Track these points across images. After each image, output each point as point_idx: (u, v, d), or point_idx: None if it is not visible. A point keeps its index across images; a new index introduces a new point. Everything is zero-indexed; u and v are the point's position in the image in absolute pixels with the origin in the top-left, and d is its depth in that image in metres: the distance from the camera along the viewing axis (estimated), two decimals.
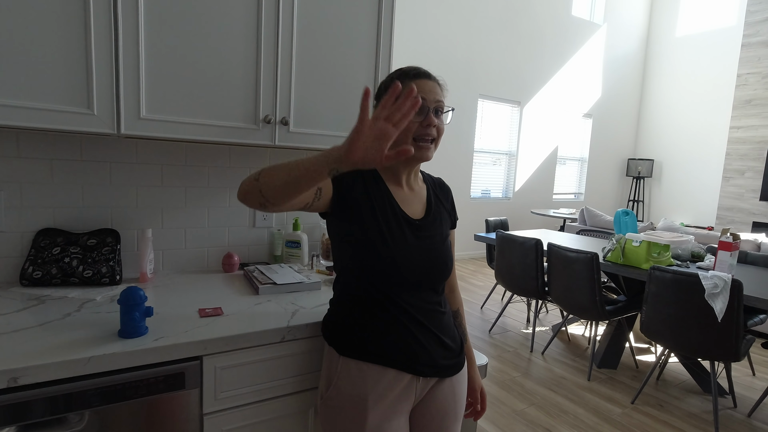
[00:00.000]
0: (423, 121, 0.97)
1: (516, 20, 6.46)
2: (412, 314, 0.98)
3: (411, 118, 0.74)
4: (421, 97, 0.96)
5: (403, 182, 1.06)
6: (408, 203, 1.05)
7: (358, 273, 1.00)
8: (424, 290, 1.01)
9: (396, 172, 1.05)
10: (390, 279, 0.97)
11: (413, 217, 1.04)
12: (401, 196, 1.05)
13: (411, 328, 0.98)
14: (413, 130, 0.97)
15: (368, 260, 0.97)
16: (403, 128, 0.94)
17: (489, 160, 6.65)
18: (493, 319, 3.87)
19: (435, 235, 1.04)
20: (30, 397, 0.84)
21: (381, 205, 1.00)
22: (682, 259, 2.91)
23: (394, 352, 0.97)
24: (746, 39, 6.30)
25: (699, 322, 2.22)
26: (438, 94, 0.99)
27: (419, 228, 1.03)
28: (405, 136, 0.97)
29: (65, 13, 1.07)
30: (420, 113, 0.97)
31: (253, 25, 1.30)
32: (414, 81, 0.98)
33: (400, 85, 0.77)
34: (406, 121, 0.74)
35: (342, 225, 1.01)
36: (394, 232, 0.99)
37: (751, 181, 6.27)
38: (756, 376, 2.99)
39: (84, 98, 1.11)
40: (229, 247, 1.64)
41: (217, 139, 1.29)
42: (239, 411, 1.07)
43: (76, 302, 1.17)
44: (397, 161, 0.94)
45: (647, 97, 8.47)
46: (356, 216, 0.99)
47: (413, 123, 0.97)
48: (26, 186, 1.32)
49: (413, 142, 0.98)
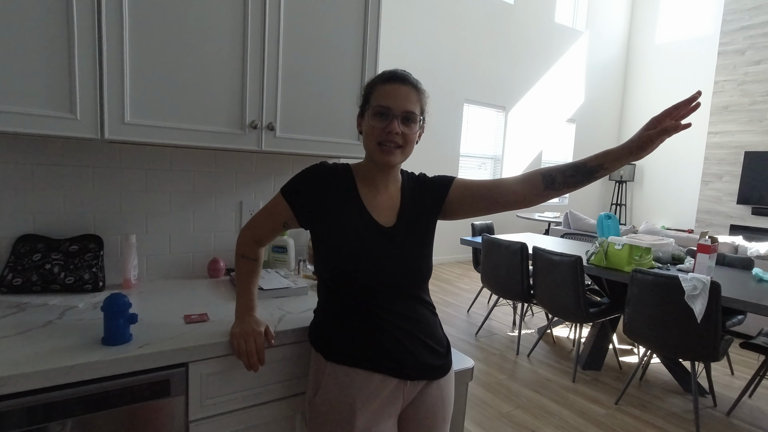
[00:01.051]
0: (385, 127, 0.97)
1: (501, 26, 6.55)
2: (392, 320, 0.99)
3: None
4: (387, 104, 0.97)
5: (380, 188, 1.05)
6: (380, 210, 1.04)
7: (332, 281, 1.01)
8: (401, 297, 1.01)
9: (372, 178, 1.05)
10: (362, 288, 0.98)
11: (385, 225, 1.03)
12: (374, 203, 1.04)
13: (394, 333, 0.98)
14: (375, 136, 0.98)
15: (338, 270, 1.00)
16: (369, 135, 1.00)
17: (474, 164, 6.71)
18: (479, 322, 3.89)
19: (407, 243, 1.03)
20: (9, 407, 0.82)
21: (350, 214, 1.01)
22: (662, 262, 2.97)
23: (380, 356, 0.97)
24: (722, 47, 6.49)
25: (679, 323, 2.27)
26: (411, 102, 0.98)
27: (390, 236, 1.02)
28: (369, 140, 1.00)
29: (48, 16, 1.05)
30: (383, 119, 0.97)
31: (239, 28, 1.30)
32: (386, 85, 0.99)
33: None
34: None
35: (314, 235, 1.05)
36: (362, 241, 0.99)
37: (729, 185, 6.43)
38: (735, 376, 3.06)
39: (66, 102, 1.10)
40: (214, 253, 1.63)
41: (202, 144, 1.28)
42: (226, 417, 1.06)
43: (57, 309, 1.15)
44: (371, 167, 1.04)
45: (628, 102, 8.64)
46: (323, 228, 1.02)
47: (375, 128, 0.98)
48: (5, 191, 1.29)
49: (377, 146, 0.99)
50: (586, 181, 0.99)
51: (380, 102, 0.98)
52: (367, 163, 1.06)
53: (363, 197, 1.04)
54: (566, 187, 1.00)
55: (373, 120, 0.98)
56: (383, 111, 0.97)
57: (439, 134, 6.13)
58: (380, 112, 0.98)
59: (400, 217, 1.05)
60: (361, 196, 1.04)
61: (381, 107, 0.98)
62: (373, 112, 0.99)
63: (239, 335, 1.00)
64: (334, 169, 1.05)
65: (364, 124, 1.02)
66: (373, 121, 0.98)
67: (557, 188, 1.01)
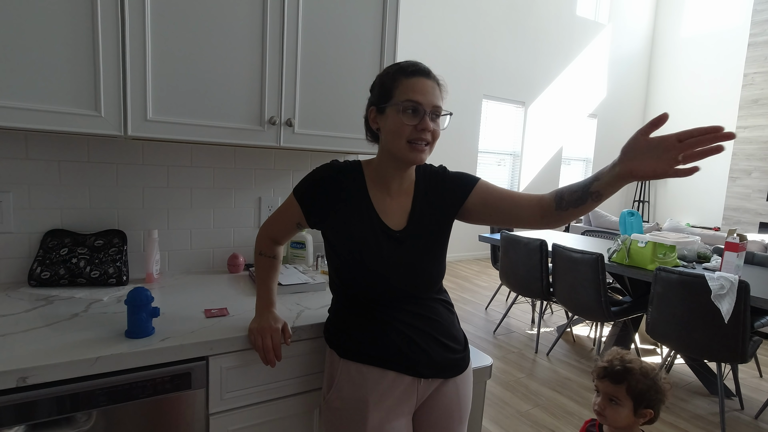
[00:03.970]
0: (418, 125, 0.92)
1: (520, 20, 6.45)
2: (404, 319, 0.98)
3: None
4: (418, 99, 0.91)
5: (393, 189, 1.02)
6: (391, 213, 1.01)
7: (342, 283, 1.01)
8: (411, 299, 1.00)
9: (386, 177, 1.01)
10: (371, 291, 0.98)
11: (395, 229, 1.00)
12: (384, 205, 1.01)
13: (407, 332, 0.98)
14: (406, 134, 0.92)
15: (347, 273, 0.99)
16: (396, 134, 0.93)
17: (493, 161, 6.64)
18: (497, 320, 3.86)
19: (416, 247, 1.00)
20: (38, 397, 0.85)
21: (359, 217, 0.99)
22: (688, 260, 2.89)
23: (393, 354, 0.96)
24: (753, 38, 6.26)
25: (705, 324, 2.21)
26: (436, 97, 0.94)
27: (399, 240, 0.99)
28: (398, 139, 0.93)
29: (72, 16, 1.08)
30: (415, 115, 0.92)
31: (258, 26, 1.30)
32: (411, 78, 0.93)
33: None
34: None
35: (324, 236, 1.05)
36: (370, 246, 0.97)
37: (758, 182, 6.22)
38: (763, 378, 2.97)
39: (91, 100, 1.12)
40: (234, 248, 1.65)
41: (222, 140, 1.29)
42: (245, 411, 1.08)
43: (83, 302, 1.18)
44: (386, 166, 1.00)
45: (652, 97, 8.42)
46: (332, 231, 1.01)
47: (406, 126, 0.92)
48: (34, 187, 1.33)
49: (408, 144, 0.93)
50: (588, 198, 0.89)
51: (410, 97, 0.91)
52: (384, 161, 1.00)
53: (373, 198, 1.01)
54: (572, 206, 0.91)
55: (404, 117, 0.92)
56: (415, 107, 0.91)
57: (457, 131, 6.08)
58: (412, 108, 0.91)
59: (410, 220, 1.01)
60: (371, 197, 1.01)
61: (412, 102, 0.91)
62: (402, 108, 0.91)
63: (257, 331, 1.01)
64: (344, 168, 1.02)
65: (389, 121, 0.94)
66: (405, 117, 0.92)
67: (564, 207, 0.92)
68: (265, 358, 1.00)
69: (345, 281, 1.01)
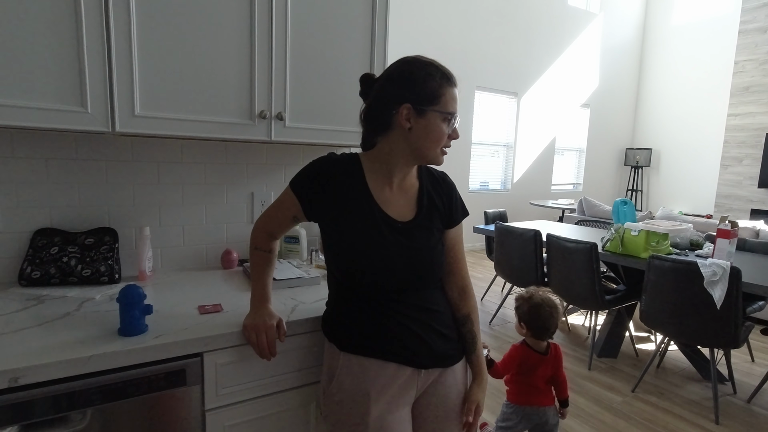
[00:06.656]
0: (452, 133, 0.99)
1: (512, 11, 6.42)
2: (404, 311, 0.98)
3: None
4: (456, 110, 0.97)
5: (394, 183, 1.02)
6: (393, 205, 1.01)
7: (342, 275, 1.00)
8: (412, 291, 1.00)
9: (391, 173, 1.01)
10: (370, 283, 0.97)
11: (398, 220, 1.00)
12: (385, 197, 1.01)
13: (406, 324, 0.98)
14: (443, 142, 0.98)
15: (348, 265, 0.98)
16: (436, 141, 0.97)
17: (487, 152, 6.64)
18: (493, 310, 3.88)
19: (422, 238, 1.00)
20: (31, 397, 0.84)
21: (359, 209, 0.98)
22: (680, 248, 2.91)
23: (394, 346, 0.97)
24: (743, 25, 6.28)
25: (698, 310, 2.23)
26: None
27: (403, 231, 0.99)
28: (435, 144, 0.97)
29: (56, 11, 1.06)
30: (450, 125, 0.98)
31: (246, 18, 1.29)
32: (453, 89, 0.97)
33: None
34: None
35: (322, 229, 1.04)
36: (373, 237, 0.97)
37: (749, 169, 6.27)
38: (755, 363, 3.01)
39: (77, 96, 1.10)
40: (227, 244, 1.64)
41: (212, 135, 1.28)
42: (241, 406, 1.07)
43: (75, 301, 1.17)
44: (396, 162, 1.02)
45: (644, 86, 8.44)
46: (331, 223, 1.00)
47: (445, 135, 0.97)
48: (21, 186, 1.31)
49: (440, 150, 1.00)
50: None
51: (453, 109, 0.97)
52: (397, 155, 0.99)
53: (373, 191, 1.00)
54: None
55: (446, 126, 0.97)
56: (452, 118, 0.97)
57: None
58: (450, 119, 0.97)
59: (418, 212, 1.02)
60: (370, 189, 1.00)
61: (451, 115, 0.97)
62: (443, 117, 0.96)
63: (251, 327, 1.01)
64: (341, 160, 1.02)
65: (430, 125, 0.95)
66: (446, 127, 0.97)
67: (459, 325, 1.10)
68: (260, 354, 1.00)
69: (344, 275, 0.99)
